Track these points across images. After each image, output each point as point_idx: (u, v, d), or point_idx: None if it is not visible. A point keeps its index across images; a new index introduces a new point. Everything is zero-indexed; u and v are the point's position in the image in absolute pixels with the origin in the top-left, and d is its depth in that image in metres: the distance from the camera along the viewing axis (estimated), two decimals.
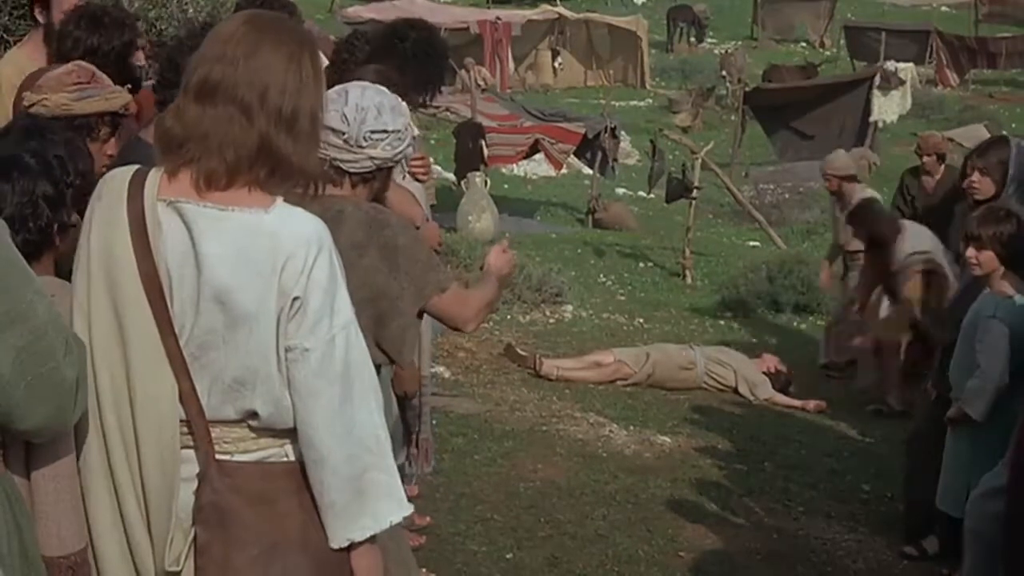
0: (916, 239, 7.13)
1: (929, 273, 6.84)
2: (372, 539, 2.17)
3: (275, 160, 2.09)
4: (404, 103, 3.01)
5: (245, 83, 2.06)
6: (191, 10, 7.54)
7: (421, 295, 2.87)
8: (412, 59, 4.22)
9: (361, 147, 2.85)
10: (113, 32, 3.74)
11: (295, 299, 2.05)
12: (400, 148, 2.92)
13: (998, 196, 5.24)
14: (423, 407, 4.47)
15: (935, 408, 5.24)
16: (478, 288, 3.10)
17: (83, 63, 3.15)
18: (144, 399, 2.08)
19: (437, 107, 8.67)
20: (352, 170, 2.88)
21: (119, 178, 2.15)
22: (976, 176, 5.31)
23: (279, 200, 2.10)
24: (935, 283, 6.78)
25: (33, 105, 2.95)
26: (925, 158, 8.79)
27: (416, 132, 3.08)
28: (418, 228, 3.28)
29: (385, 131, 2.86)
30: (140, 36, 4.09)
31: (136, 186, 2.11)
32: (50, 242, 2.33)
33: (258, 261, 2.04)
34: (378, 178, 2.95)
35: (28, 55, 4.20)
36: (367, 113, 2.85)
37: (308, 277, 2.05)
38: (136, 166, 2.20)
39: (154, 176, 2.12)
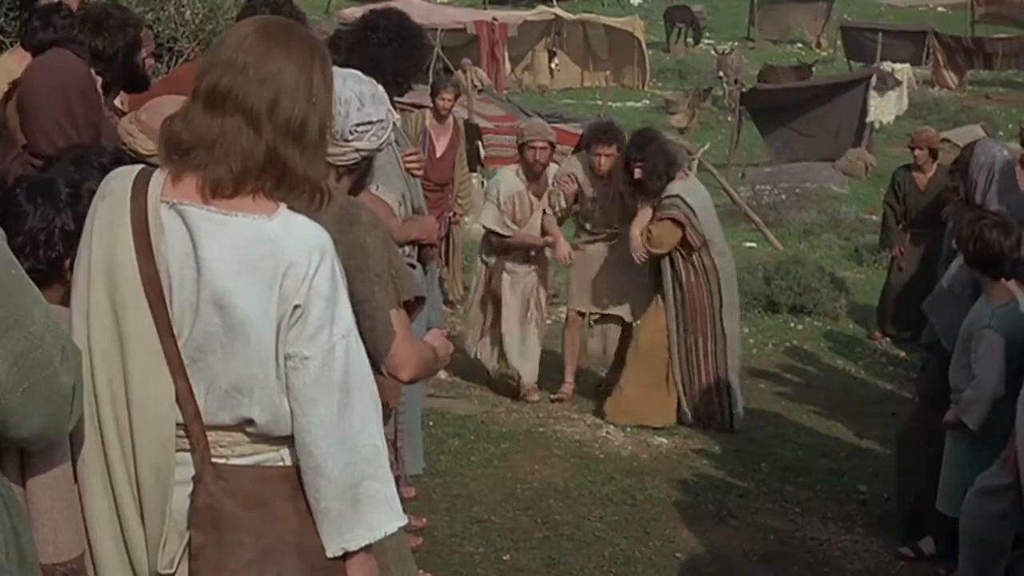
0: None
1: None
2: (367, 548, 2.15)
3: (282, 170, 2.07)
4: (382, 88, 3.00)
5: (255, 92, 2.04)
6: (188, 13, 7.55)
7: (385, 301, 2.78)
8: (386, 47, 4.20)
9: (347, 140, 2.84)
10: (116, 34, 3.72)
11: (296, 307, 2.04)
12: (384, 137, 2.92)
13: (965, 197, 5.25)
14: (398, 414, 4.45)
15: (923, 408, 5.26)
16: (423, 344, 2.92)
17: None
18: (141, 400, 2.07)
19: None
20: (338, 163, 2.87)
21: (123, 178, 2.13)
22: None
23: (283, 207, 2.08)
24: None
25: None
26: (917, 151, 8.82)
27: (396, 116, 3.06)
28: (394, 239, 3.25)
29: (370, 122, 2.85)
30: (147, 40, 4.08)
31: (140, 187, 2.10)
32: (59, 275, 2.29)
33: (259, 267, 2.03)
34: (361, 167, 2.95)
35: (19, 61, 4.19)
36: (350, 106, 2.84)
37: (310, 285, 2.04)
38: (140, 166, 2.18)
39: (158, 177, 2.11)
